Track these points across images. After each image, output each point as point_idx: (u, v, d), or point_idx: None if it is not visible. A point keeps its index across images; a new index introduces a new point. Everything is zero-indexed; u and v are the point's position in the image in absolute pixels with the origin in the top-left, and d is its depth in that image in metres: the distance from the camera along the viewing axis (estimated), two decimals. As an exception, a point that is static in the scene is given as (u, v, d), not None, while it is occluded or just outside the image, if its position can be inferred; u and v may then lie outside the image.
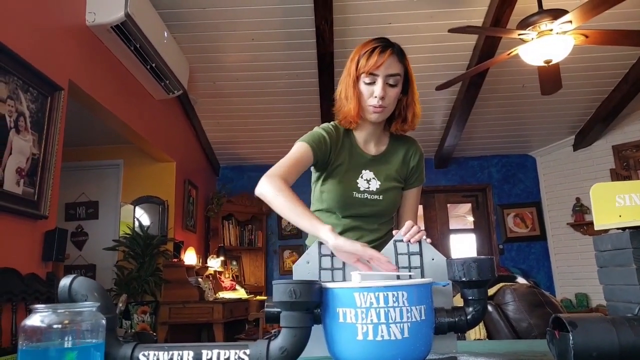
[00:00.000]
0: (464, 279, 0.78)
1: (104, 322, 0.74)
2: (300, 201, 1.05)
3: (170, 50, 3.24)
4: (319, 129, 1.29)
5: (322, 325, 0.80)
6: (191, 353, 0.76)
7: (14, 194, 2.00)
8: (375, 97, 1.22)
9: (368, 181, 1.30)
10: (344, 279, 0.93)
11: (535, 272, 5.16)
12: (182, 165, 4.46)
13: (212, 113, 4.58)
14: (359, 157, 1.32)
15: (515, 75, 4.01)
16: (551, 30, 2.43)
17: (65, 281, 0.82)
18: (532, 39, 2.48)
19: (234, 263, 5.33)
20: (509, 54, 2.70)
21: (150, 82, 3.37)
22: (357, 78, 1.23)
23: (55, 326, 0.69)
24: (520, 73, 3.91)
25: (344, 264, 0.94)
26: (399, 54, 1.24)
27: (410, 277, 0.86)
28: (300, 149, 1.22)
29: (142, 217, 4.25)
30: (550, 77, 2.77)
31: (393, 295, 0.72)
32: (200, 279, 4.12)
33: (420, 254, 0.92)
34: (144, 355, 0.77)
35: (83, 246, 4.31)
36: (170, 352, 0.76)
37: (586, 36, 2.48)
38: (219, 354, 0.75)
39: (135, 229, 4.04)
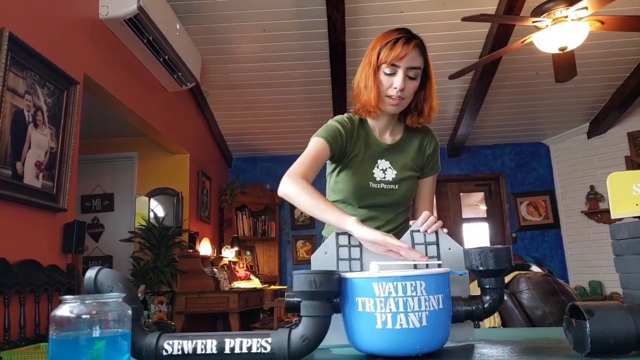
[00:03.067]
0: (481, 268, 0.79)
1: (130, 312, 0.76)
2: (322, 196, 1.09)
3: (183, 42, 3.26)
4: (333, 122, 1.30)
5: (342, 315, 0.82)
6: (214, 342, 0.78)
7: (34, 188, 2.04)
8: (395, 88, 1.21)
9: (384, 171, 1.30)
10: (362, 270, 0.94)
11: (549, 261, 5.13)
12: (196, 157, 4.50)
13: (225, 104, 4.60)
14: (374, 147, 1.32)
15: (528, 63, 3.95)
16: (566, 17, 2.39)
17: (90, 273, 0.85)
18: (547, 26, 2.45)
19: (248, 253, 5.39)
20: (523, 42, 2.67)
21: (163, 74, 3.40)
22: (378, 68, 1.22)
23: (84, 316, 0.72)
24: (534, 61, 3.86)
25: (361, 254, 0.96)
26: (421, 47, 1.23)
27: (427, 266, 0.88)
28: (317, 144, 1.22)
29: (157, 208, 4.31)
30: (565, 65, 2.73)
31: (411, 284, 0.74)
32: (215, 269, 4.17)
33: (437, 244, 0.93)
34: (168, 344, 0.79)
35: (99, 238, 4.39)
36: (194, 342, 0.78)
37: (602, 22, 2.44)
38: (241, 342, 0.77)
39: (151, 220, 4.10)
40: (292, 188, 1.11)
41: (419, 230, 0.95)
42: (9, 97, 1.86)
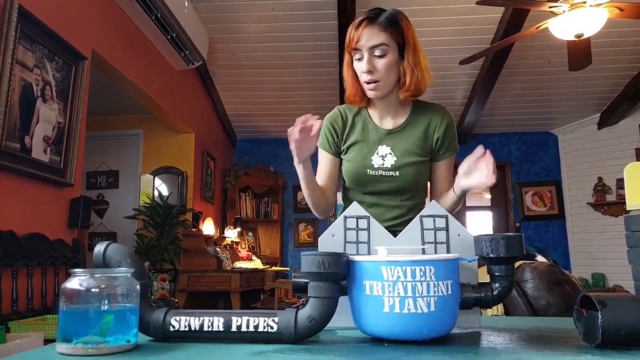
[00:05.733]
0: (491, 256, 0.78)
1: (138, 287, 0.76)
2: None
3: (191, 20, 3.22)
4: (325, 122, 1.31)
5: (348, 297, 0.82)
6: (221, 320, 0.78)
7: (42, 162, 2.05)
8: (363, 72, 1.19)
9: (383, 157, 1.27)
10: (369, 253, 0.94)
11: (552, 251, 5.13)
12: (201, 137, 4.49)
13: (231, 85, 4.57)
14: (373, 133, 1.29)
15: (541, 50, 3.89)
16: (584, 2, 2.33)
17: (99, 247, 0.85)
18: (564, 11, 2.39)
19: (250, 234, 5.42)
20: (537, 28, 2.61)
21: (171, 52, 3.37)
22: (351, 57, 1.22)
23: (93, 290, 0.72)
24: (547, 48, 3.79)
25: (369, 238, 0.95)
26: (383, 22, 1.17)
27: (436, 248, 0.87)
28: (319, 155, 1.32)
29: (161, 187, 4.32)
30: (579, 53, 2.68)
31: (420, 269, 0.73)
32: (218, 249, 4.20)
33: (447, 229, 0.93)
34: (175, 320, 0.79)
35: (104, 214, 4.42)
36: (201, 318, 0.79)
37: (621, 9, 2.38)
38: (248, 321, 0.77)
39: (155, 198, 4.12)
40: (312, 208, 1.32)
41: (428, 216, 0.94)
42: (18, 71, 1.85)
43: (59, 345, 0.70)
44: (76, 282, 0.73)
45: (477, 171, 1.12)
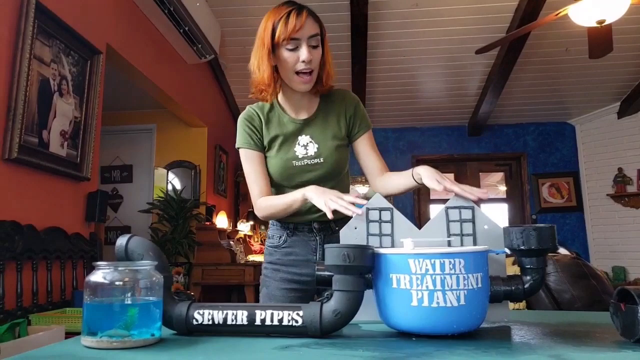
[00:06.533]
0: (522, 247, 0.76)
1: (161, 280, 0.76)
2: (277, 198, 1.21)
3: (203, 13, 3.21)
4: (240, 123, 1.28)
5: (374, 291, 0.80)
6: (245, 313, 0.77)
7: (59, 156, 2.06)
8: (303, 61, 1.16)
9: (305, 146, 1.26)
10: (392, 246, 0.92)
11: (570, 244, 5.05)
12: (213, 131, 4.49)
13: (242, 78, 4.55)
14: (290, 126, 1.27)
15: (558, 39, 3.80)
16: (606, -13, 2.26)
17: (121, 240, 0.84)
18: (585, -3, 2.32)
19: (263, 227, 5.43)
20: (557, 15, 2.54)
21: (183, 46, 3.36)
22: (276, 46, 1.17)
23: (117, 283, 0.71)
24: (565, 36, 3.71)
25: (392, 230, 0.93)
26: (313, 14, 1.19)
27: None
28: (245, 155, 1.26)
29: (175, 181, 4.34)
30: (600, 40, 2.60)
31: (450, 262, 0.71)
32: (232, 242, 4.22)
33: (473, 221, 0.90)
34: (198, 313, 0.78)
35: (118, 208, 4.45)
36: (225, 312, 0.78)
37: (644, -6, 2.30)
38: (272, 314, 0.76)
39: (169, 192, 4.14)
40: (261, 213, 1.24)
41: (454, 207, 0.91)
42: (36, 66, 1.86)
43: (84, 338, 0.70)
44: (100, 275, 0.72)
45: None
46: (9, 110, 1.76)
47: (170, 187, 4.25)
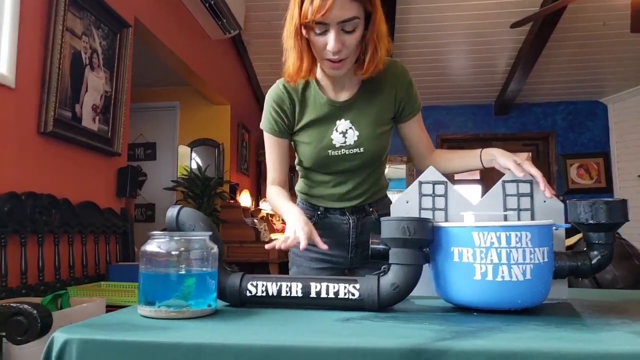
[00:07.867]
0: (591, 222, 0.72)
1: (216, 251, 0.74)
2: (278, 196, 1.17)
3: (228, -14, 3.15)
4: (267, 103, 1.15)
5: (431, 265, 0.78)
6: (299, 285, 0.76)
7: (92, 131, 2.06)
8: (329, 51, 0.97)
9: (344, 134, 1.11)
10: (446, 220, 0.89)
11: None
12: (236, 109, 4.47)
13: (265, 55, 4.50)
14: (327, 108, 1.11)
15: (596, 12, 3.63)
16: (656, -46, 2.13)
17: (172, 211, 0.83)
18: (632, -34, 2.20)
19: (285, 206, 5.44)
20: (600, -15, 2.42)
21: (208, 20, 3.32)
22: (303, 26, 0.97)
23: (173, 252, 0.70)
24: (603, 9, 3.54)
25: (446, 204, 0.90)
26: None
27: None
28: (268, 142, 1.20)
29: (198, 159, 4.36)
30: (645, 12, 2.47)
31: (516, 235, 0.68)
32: (255, 220, 4.24)
33: (531, 195, 0.87)
34: (252, 285, 0.77)
35: (142, 186, 4.50)
36: (279, 284, 0.76)
37: (697, -39, 2.17)
38: (327, 287, 0.75)
39: (193, 170, 4.16)
40: (268, 199, 1.24)
41: (511, 181, 0.88)
42: (68, 38, 1.85)
43: (141, 308, 0.70)
44: (155, 244, 0.71)
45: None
46: (43, 83, 1.76)
47: (194, 165, 4.27)
